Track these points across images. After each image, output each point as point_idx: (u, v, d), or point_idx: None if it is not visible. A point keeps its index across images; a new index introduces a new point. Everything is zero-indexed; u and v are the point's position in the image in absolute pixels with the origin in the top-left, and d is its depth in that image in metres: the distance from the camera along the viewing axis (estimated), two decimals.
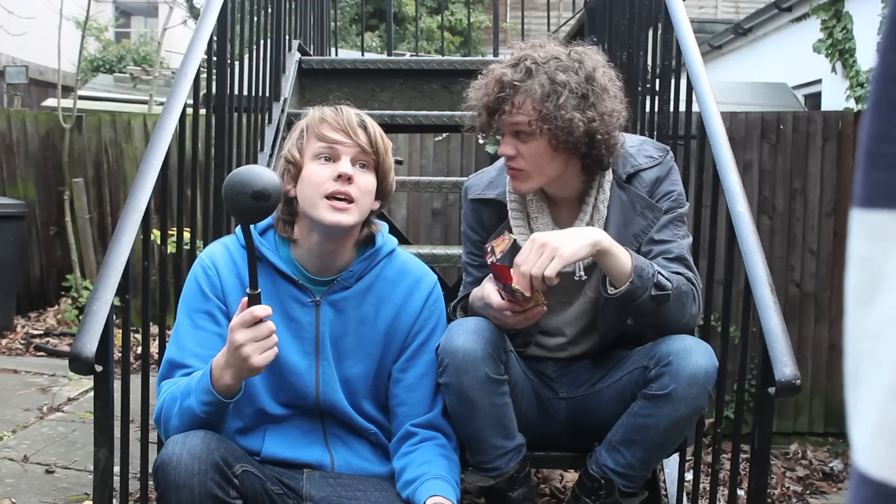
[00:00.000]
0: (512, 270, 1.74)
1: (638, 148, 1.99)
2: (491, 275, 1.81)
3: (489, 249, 1.77)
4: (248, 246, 1.56)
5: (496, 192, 2.02)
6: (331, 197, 1.72)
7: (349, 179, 1.73)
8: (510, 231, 1.96)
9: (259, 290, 1.57)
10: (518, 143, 1.86)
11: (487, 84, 1.88)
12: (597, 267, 1.94)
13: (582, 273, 1.95)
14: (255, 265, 1.57)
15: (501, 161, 2.05)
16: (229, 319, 1.75)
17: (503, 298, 1.78)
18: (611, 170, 1.95)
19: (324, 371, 1.81)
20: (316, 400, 1.81)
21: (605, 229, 1.91)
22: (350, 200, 1.73)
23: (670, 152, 2.01)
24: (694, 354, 1.77)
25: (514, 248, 1.85)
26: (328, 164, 1.76)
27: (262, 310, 1.56)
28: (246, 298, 1.58)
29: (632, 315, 1.90)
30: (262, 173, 1.52)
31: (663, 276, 1.81)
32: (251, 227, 1.58)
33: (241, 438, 1.78)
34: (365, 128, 1.78)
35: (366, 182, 1.77)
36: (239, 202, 1.50)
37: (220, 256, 1.81)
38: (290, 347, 1.78)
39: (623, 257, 1.79)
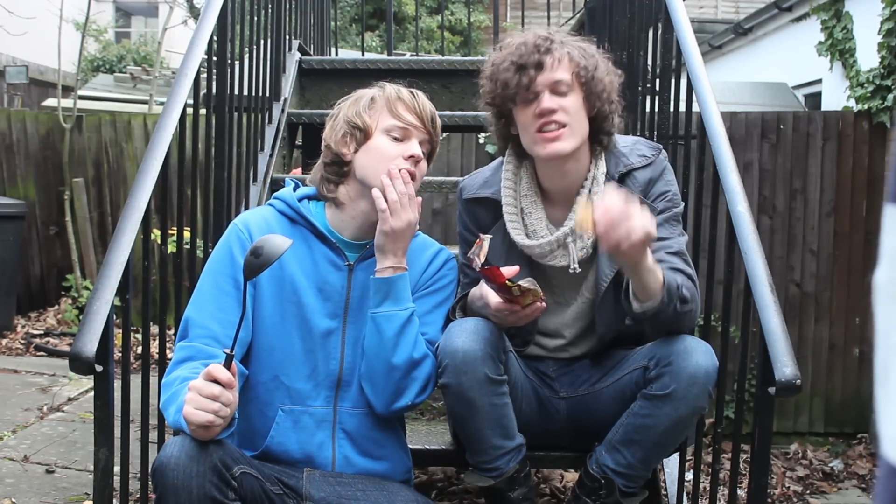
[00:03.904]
0: (582, 210, 1.69)
1: (631, 147, 1.98)
2: (483, 279, 1.81)
3: (472, 259, 1.77)
4: (243, 304, 1.63)
5: (491, 191, 2.01)
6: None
7: (418, 161, 1.85)
8: (503, 230, 1.97)
9: (233, 352, 1.58)
10: (558, 98, 1.87)
11: (519, 46, 1.90)
12: (592, 265, 1.94)
13: (576, 266, 1.94)
14: (241, 325, 1.61)
15: (497, 161, 2.06)
16: (254, 287, 1.79)
17: (500, 299, 1.78)
18: (604, 165, 1.95)
19: (350, 334, 1.83)
20: (340, 362, 1.82)
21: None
22: (413, 179, 1.83)
23: (663, 151, 2.01)
24: (694, 354, 1.77)
25: (508, 247, 1.90)
26: (397, 142, 1.84)
27: (220, 373, 1.54)
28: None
29: (649, 325, 1.87)
30: (270, 237, 1.61)
31: (685, 287, 1.80)
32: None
33: (251, 416, 1.79)
34: (434, 119, 1.89)
35: (424, 167, 1.89)
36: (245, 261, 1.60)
37: (255, 223, 1.84)
38: (318, 309, 1.81)
39: (657, 272, 1.76)
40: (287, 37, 3.46)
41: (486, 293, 1.81)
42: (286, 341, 1.80)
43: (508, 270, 1.73)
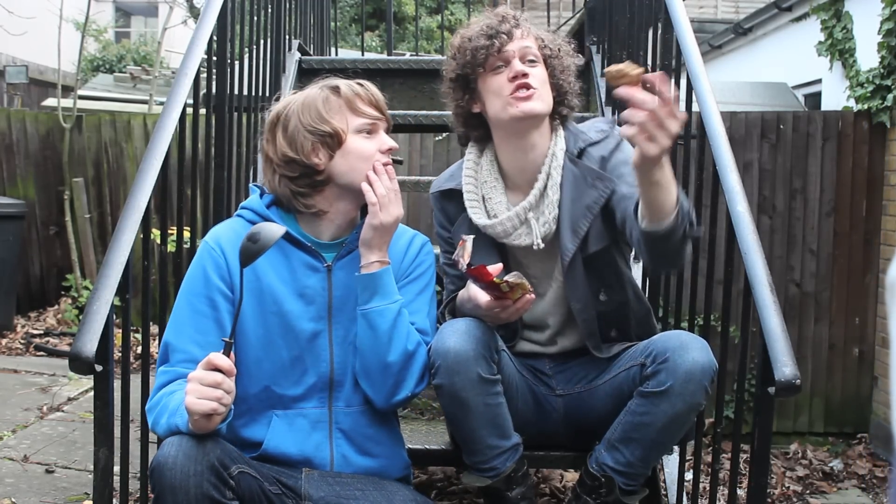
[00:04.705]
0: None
1: (589, 125, 2.07)
2: (470, 279, 1.81)
3: (458, 260, 1.77)
4: (240, 289, 1.62)
5: (455, 183, 2.07)
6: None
7: (393, 151, 1.85)
8: (468, 218, 2.01)
9: (233, 340, 1.58)
10: (527, 67, 1.96)
11: (488, 22, 1.98)
12: (556, 243, 1.96)
13: (539, 242, 1.97)
14: (240, 309, 1.61)
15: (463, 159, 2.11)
16: (234, 303, 1.75)
17: (490, 298, 1.79)
18: (563, 142, 2.01)
19: (337, 334, 1.81)
20: (330, 363, 1.80)
21: (560, 202, 1.96)
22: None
23: (617, 125, 2.04)
24: (690, 351, 1.77)
25: (478, 238, 1.91)
26: (369, 138, 1.83)
27: (221, 360, 1.54)
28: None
29: (652, 254, 1.79)
30: (266, 225, 1.63)
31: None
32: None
33: (244, 428, 1.78)
34: (385, 103, 1.89)
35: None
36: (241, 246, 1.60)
37: (226, 238, 1.81)
38: (301, 314, 1.79)
39: (673, 183, 1.70)
40: (287, 37, 3.46)
41: (474, 294, 1.82)
42: (273, 352, 1.78)
43: (493, 268, 1.74)
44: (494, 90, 1.95)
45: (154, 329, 4.77)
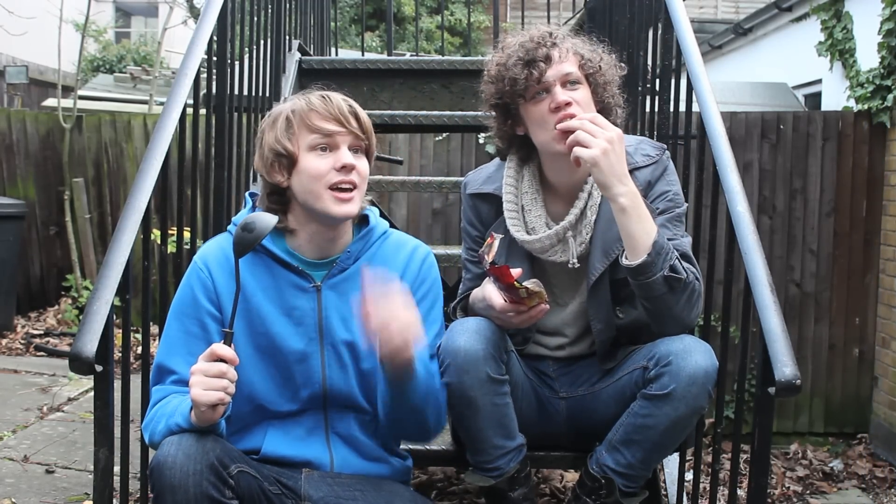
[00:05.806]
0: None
1: (635, 147, 1.99)
2: (491, 277, 1.80)
3: (483, 256, 1.77)
4: (237, 280, 1.60)
5: (493, 187, 2.03)
6: (335, 188, 1.72)
7: (351, 169, 1.73)
8: (504, 226, 1.98)
9: (233, 331, 1.57)
10: (570, 92, 1.89)
11: (523, 43, 1.91)
12: (589, 258, 1.94)
13: (575, 261, 1.95)
14: (238, 301, 1.60)
15: (499, 159, 2.06)
16: (223, 323, 1.74)
17: (505, 300, 1.78)
18: None
19: (329, 355, 1.79)
20: (322, 384, 1.78)
21: (595, 222, 1.93)
22: (353, 188, 1.74)
23: (667, 151, 2.01)
24: (694, 354, 1.78)
25: (509, 242, 1.89)
26: (326, 153, 1.73)
27: (223, 350, 1.54)
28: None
29: (641, 295, 1.85)
30: (260, 214, 1.64)
31: (680, 264, 1.81)
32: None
33: (241, 439, 1.78)
34: (356, 115, 1.75)
35: (363, 167, 1.77)
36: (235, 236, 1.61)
37: (213, 258, 1.79)
38: (289, 335, 1.77)
39: (649, 229, 1.78)
40: (287, 37, 3.46)
41: (489, 295, 1.81)
42: (263, 373, 1.76)
43: (515, 272, 1.74)
44: (537, 120, 1.90)
45: (154, 329, 4.77)
